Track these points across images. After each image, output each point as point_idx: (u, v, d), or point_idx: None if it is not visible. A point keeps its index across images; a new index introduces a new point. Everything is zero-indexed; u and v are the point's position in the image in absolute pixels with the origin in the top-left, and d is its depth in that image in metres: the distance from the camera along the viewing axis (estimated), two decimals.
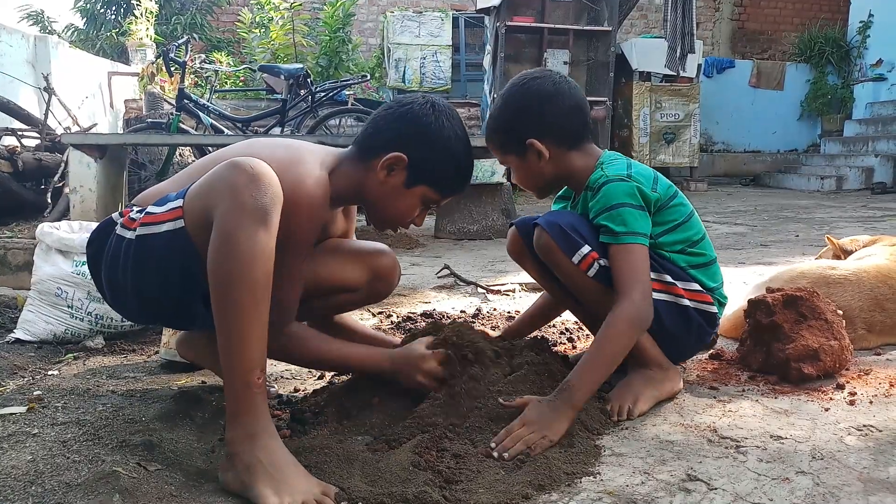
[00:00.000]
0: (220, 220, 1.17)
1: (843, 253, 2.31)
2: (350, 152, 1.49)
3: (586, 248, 1.51)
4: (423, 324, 2.21)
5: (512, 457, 1.25)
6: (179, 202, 1.28)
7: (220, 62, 8.06)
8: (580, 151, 1.62)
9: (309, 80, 5.33)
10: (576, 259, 1.51)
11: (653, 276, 1.54)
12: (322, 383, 1.71)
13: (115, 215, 1.42)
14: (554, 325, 2.15)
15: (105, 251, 1.39)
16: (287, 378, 1.77)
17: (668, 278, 1.56)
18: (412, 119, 1.45)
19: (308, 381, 1.75)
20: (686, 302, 1.57)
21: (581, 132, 1.62)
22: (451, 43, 9.05)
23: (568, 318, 2.13)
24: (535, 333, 1.91)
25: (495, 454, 1.26)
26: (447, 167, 1.48)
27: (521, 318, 1.96)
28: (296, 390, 1.68)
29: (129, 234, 1.33)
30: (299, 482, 1.14)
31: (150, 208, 1.33)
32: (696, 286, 1.60)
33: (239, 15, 9.42)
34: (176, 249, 1.27)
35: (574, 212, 1.63)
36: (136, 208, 1.39)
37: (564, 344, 1.98)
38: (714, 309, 1.62)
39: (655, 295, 1.53)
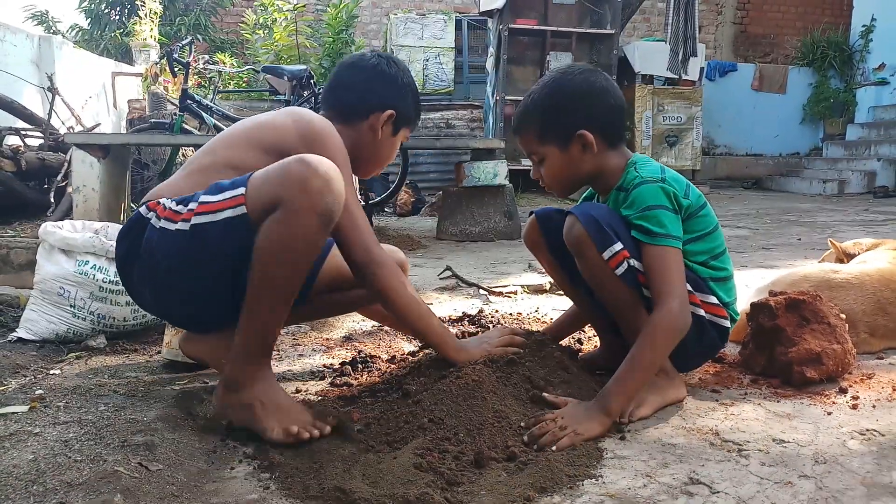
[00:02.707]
0: (288, 212, 1.26)
1: (845, 256, 2.31)
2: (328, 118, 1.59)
3: (619, 246, 1.48)
4: None
5: (538, 444, 1.29)
6: (241, 190, 1.31)
7: (224, 63, 8.07)
8: (617, 151, 1.62)
9: (312, 81, 5.32)
10: (606, 255, 1.48)
11: None
12: (323, 384, 1.71)
13: (142, 210, 1.42)
14: None
15: (141, 247, 1.39)
16: (288, 379, 1.77)
17: (689, 287, 1.53)
18: (385, 77, 1.63)
19: (310, 383, 1.74)
20: (702, 313, 1.55)
21: (622, 132, 1.65)
22: (453, 45, 9.05)
23: None
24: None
25: (525, 438, 1.31)
26: (415, 106, 1.71)
27: (560, 320, 1.92)
28: (297, 391, 1.68)
29: (177, 226, 1.35)
30: (298, 414, 1.34)
31: (204, 197, 1.35)
32: (714, 299, 1.58)
33: (243, 16, 9.43)
34: (235, 236, 1.31)
35: (608, 207, 1.60)
36: (166, 200, 1.40)
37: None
38: (728, 324, 1.60)
39: None
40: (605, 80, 1.61)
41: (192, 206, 1.36)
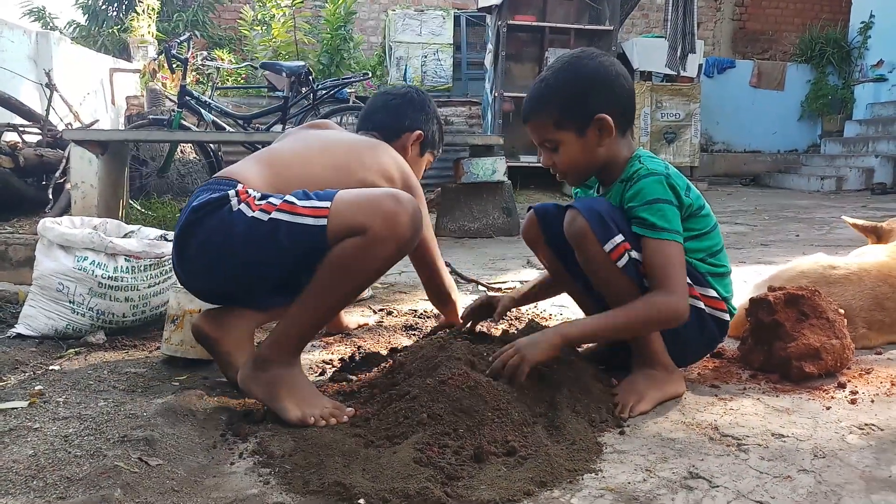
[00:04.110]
0: (373, 240, 1.39)
1: (870, 234, 2.29)
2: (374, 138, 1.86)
3: (620, 238, 1.49)
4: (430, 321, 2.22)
5: (490, 371, 1.43)
6: (326, 204, 1.42)
7: (222, 59, 8.05)
8: (626, 140, 1.61)
9: (310, 77, 5.31)
10: (608, 247, 1.49)
11: None
12: (323, 380, 1.71)
13: (231, 192, 1.49)
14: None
15: (214, 220, 1.46)
16: None
17: (688, 281, 1.54)
18: (418, 104, 1.95)
19: (311, 377, 1.74)
20: (702, 305, 1.57)
21: (633, 119, 1.63)
22: (452, 41, 9.05)
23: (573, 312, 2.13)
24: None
25: (487, 372, 1.42)
26: (439, 133, 2.02)
27: (527, 291, 1.94)
28: None
29: (254, 214, 1.44)
30: (317, 401, 1.43)
31: (290, 198, 1.45)
32: (714, 293, 1.60)
33: (241, 12, 9.41)
34: (305, 241, 1.41)
35: (607, 201, 1.59)
36: (254, 191, 1.50)
37: None
38: (727, 317, 1.62)
39: None
40: (619, 65, 1.60)
41: (274, 200, 1.45)
